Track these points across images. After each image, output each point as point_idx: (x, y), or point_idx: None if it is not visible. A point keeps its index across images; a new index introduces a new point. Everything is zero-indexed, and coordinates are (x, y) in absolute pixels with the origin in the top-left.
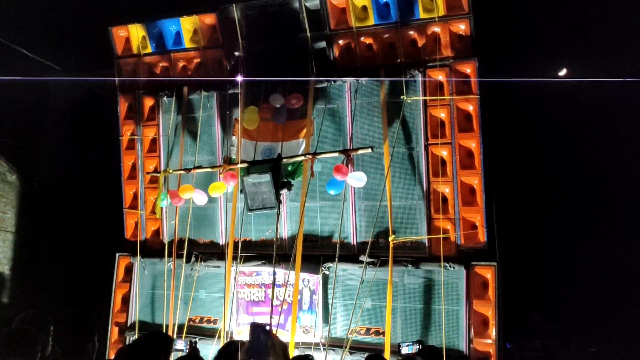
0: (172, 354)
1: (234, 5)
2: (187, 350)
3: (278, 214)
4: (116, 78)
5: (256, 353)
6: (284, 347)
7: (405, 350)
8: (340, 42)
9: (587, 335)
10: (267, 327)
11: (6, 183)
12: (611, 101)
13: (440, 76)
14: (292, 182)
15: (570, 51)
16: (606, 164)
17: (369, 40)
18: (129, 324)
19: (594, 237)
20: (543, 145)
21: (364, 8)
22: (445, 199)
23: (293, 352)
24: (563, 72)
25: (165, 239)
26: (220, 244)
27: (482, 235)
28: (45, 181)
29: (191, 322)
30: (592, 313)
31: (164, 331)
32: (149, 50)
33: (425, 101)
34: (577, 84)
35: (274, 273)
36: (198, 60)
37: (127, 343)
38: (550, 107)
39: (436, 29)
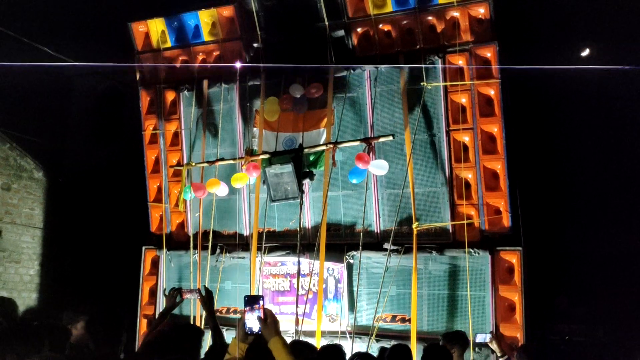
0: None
1: None
2: (198, 297)
3: (301, 204)
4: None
5: (250, 325)
6: (275, 320)
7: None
8: (359, 30)
9: (615, 319)
10: (261, 301)
11: (33, 180)
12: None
13: (460, 61)
14: (314, 171)
15: (593, 31)
16: (635, 146)
17: (387, 27)
18: (157, 316)
19: (623, 219)
20: (567, 128)
21: None
22: (468, 185)
23: (320, 341)
24: (586, 53)
25: (190, 231)
26: (245, 235)
27: (506, 220)
28: (71, 177)
29: (218, 313)
30: (621, 297)
31: (192, 322)
32: (169, 44)
33: (445, 87)
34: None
35: (299, 263)
36: (217, 53)
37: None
38: (574, 87)
39: (455, 13)
